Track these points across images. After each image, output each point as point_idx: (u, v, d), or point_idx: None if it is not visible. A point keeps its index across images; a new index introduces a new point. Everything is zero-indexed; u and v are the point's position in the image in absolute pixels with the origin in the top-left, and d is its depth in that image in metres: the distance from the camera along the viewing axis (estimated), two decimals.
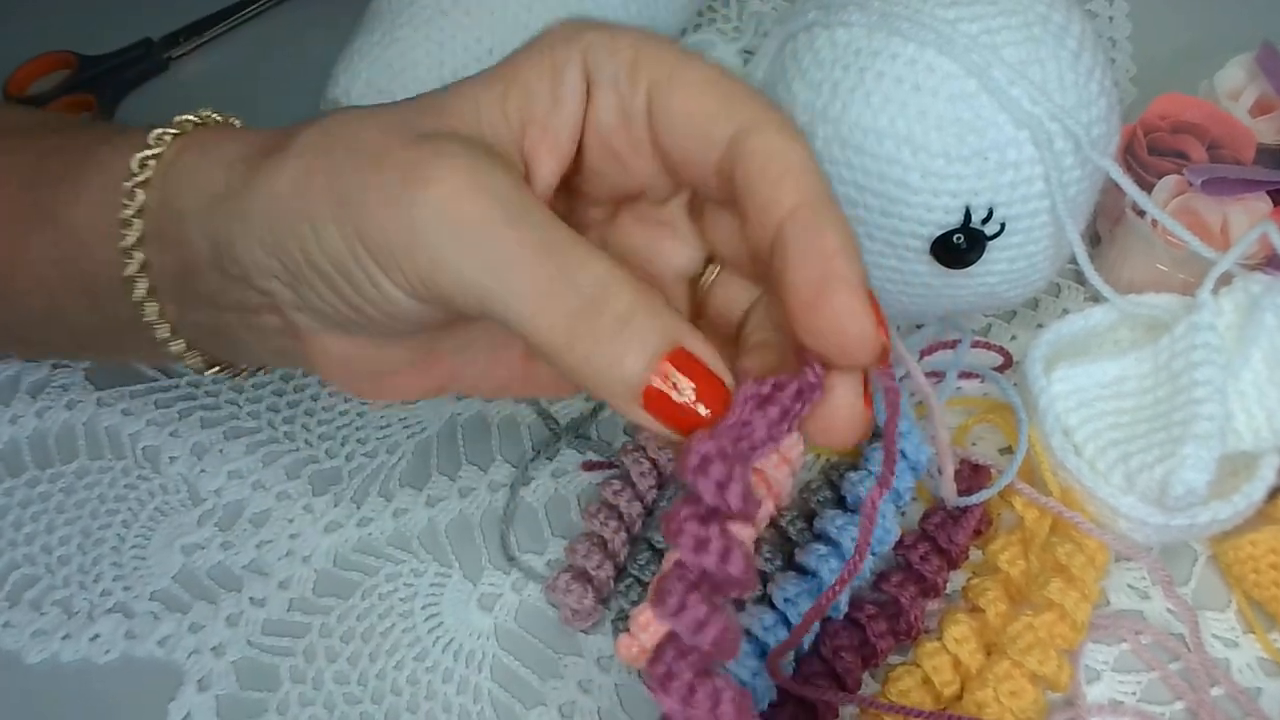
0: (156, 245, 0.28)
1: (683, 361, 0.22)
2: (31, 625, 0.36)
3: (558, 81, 0.25)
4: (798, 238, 0.23)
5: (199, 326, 0.29)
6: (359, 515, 0.38)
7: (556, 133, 0.26)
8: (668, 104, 0.25)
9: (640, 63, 0.25)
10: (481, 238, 0.23)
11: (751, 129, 0.24)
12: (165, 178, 0.28)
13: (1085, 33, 0.35)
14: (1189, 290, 0.37)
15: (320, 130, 0.26)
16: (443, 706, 0.34)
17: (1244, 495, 0.34)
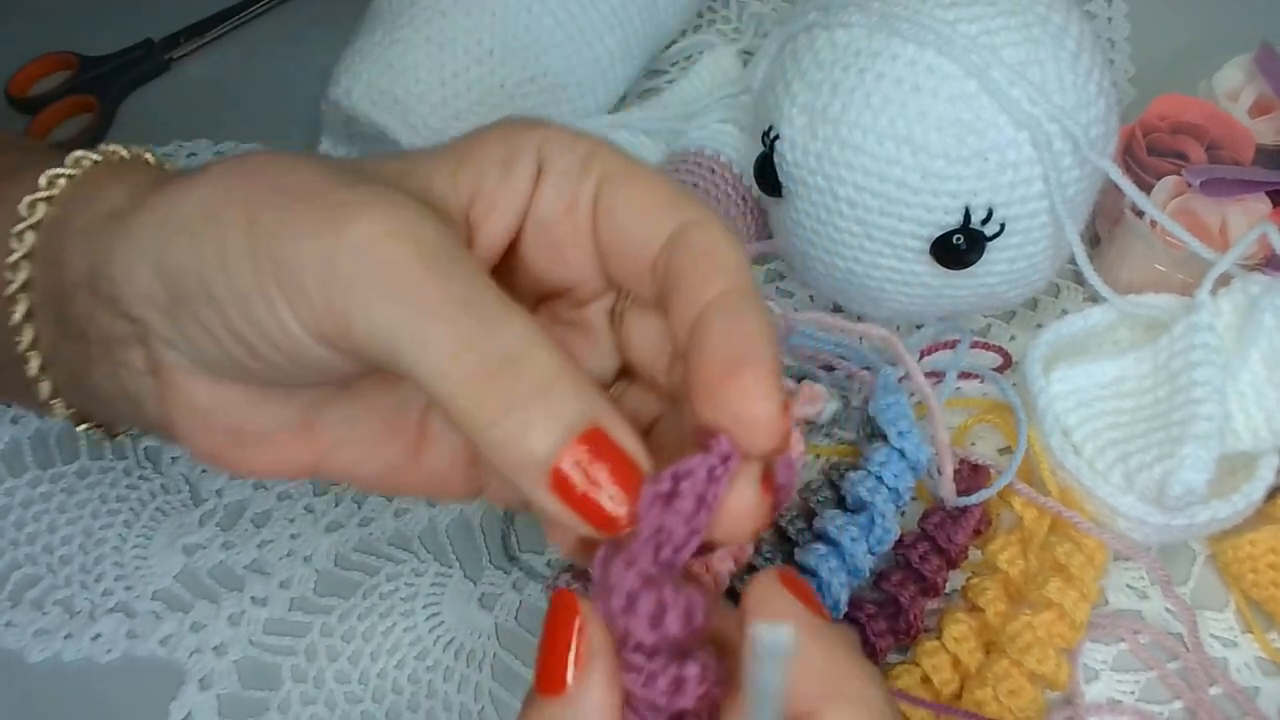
0: (42, 263, 0.27)
1: (598, 443, 0.21)
2: (34, 625, 0.36)
3: (510, 163, 0.25)
4: (720, 318, 0.23)
5: (67, 362, 0.27)
6: (360, 515, 0.38)
7: (502, 210, 0.25)
8: (614, 198, 0.25)
9: (592, 158, 0.25)
10: (402, 282, 0.21)
11: (694, 225, 0.24)
12: (70, 195, 0.27)
13: (1084, 34, 0.36)
14: (1188, 291, 0.37)
15: (241, 160, 0.24)
16: (444, 705, 0.34)
17: (1243, 495, 0.34)
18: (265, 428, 0.26)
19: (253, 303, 0.23)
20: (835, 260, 0.37)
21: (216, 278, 0.23)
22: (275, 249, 0.22)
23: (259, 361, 0.24)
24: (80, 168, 0.27)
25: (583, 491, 0.21)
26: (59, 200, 0.27)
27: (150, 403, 0.26)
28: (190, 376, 0.25)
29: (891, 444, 0.34)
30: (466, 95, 0.42)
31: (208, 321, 0.23)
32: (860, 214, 0.35)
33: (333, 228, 0.22)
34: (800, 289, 0.43)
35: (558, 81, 0.44)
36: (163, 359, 0.25)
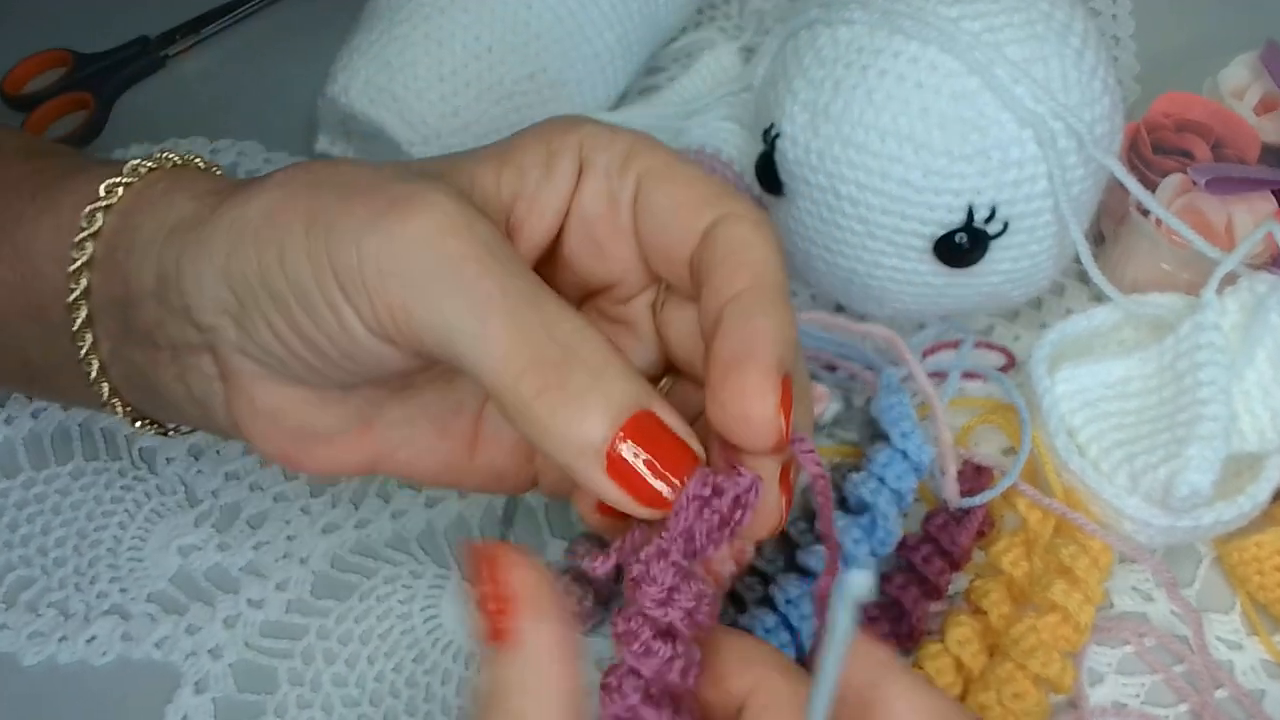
0: (103, 270, 0.28)
1: (651, 426, 0.22)
2: (28, 627, 0.36)
3: (552, 163, 0.26)
4: (731, 317, 0.23)
5: (130, 365, 0.28)
6: (357, 517, 0.38)
7: (543, 209, 0.26)
8: (654, 193, 0.25)
9: (633, 155, 0.26)
10: (463, 275, 0.22)
11: (727, 219, 0.25)
12: (130, 204, 0.28)
13: (1088, 30, 0.35)
14: (1193, 290, 0.37)
15: (304, 167, 0.25)
16: (442, 709, 0.34)
17: (1249, 496, 0.34)
18: (327, 429, 0.27)
19: (313, 300, 0.24)
20: (837, 259, 0.37)
21: (278, 278, 0.24)
22: (334, 245, 0.23)
23: (322, 360, 0.25)
24: (137, 175, 0.28)
25: (636, 474, 0.21)
26: (118, 209, 0.28)
27: (218, 406, 0.27)
28: (257, 381, 0.26)
29: (894, 445, 0.34)
30: (465, 92, 0.42)
31: (273, 323, 0.24)
32: (862, 213, 0.35)
33: (391, 220, 0.23)
34: (802, 288, 0.42)
35: (557, 79, 0.44)
36: (231, 365, 0.26)
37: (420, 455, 0.28)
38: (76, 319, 0.28)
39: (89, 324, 0.28)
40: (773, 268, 0.24)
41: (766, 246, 0.24)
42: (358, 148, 0.45)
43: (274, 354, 0.25)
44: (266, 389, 0.26)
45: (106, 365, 0.29)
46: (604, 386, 0.22)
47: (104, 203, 0.28)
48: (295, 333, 0.24)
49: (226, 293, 0.25)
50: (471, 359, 0.22)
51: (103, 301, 0.28)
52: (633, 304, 0.28)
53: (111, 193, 0.28)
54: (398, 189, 0.23)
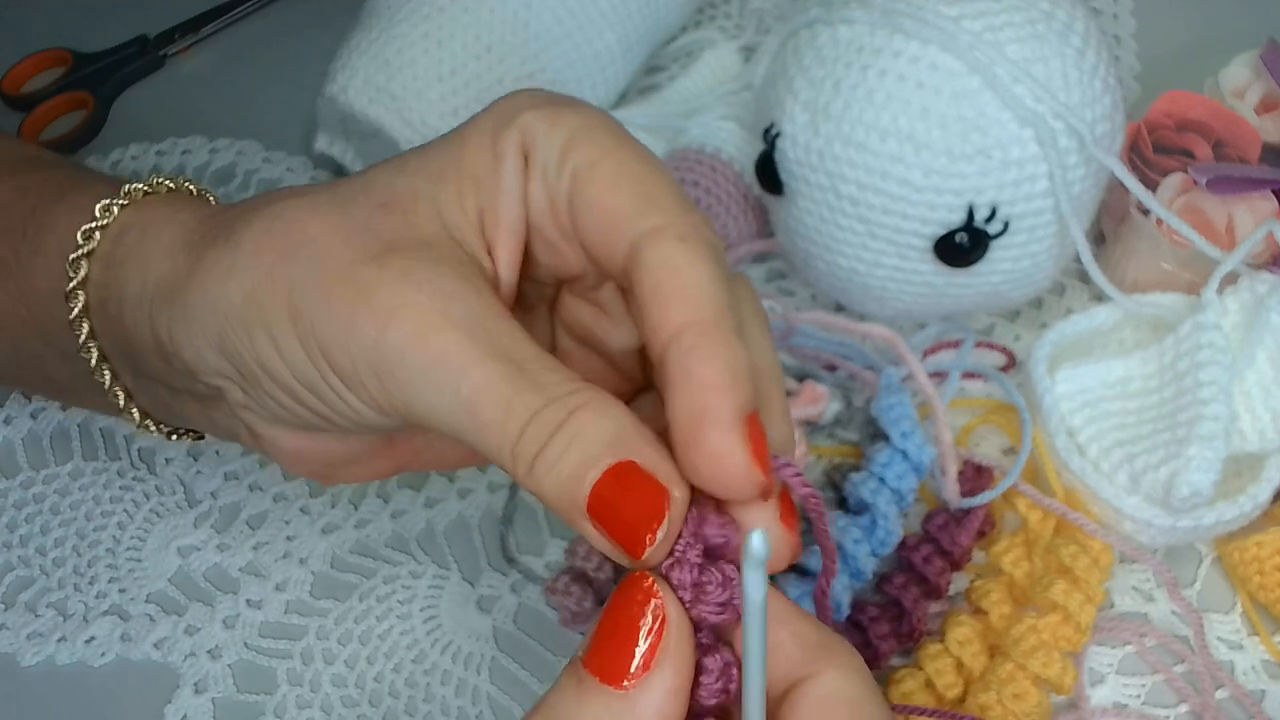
0: (100, 319, 0.28)
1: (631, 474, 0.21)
2: (27, 628, 0.36)
3: (499, 167, 0.25)
4: (677, 366, 0.22)
5: (153, 397, 0.29)
6: (356, 517, 0.38)
7: (508, 220, 0.25)
8: (584, 194, 0.24)
9: (570, 148, 0.24)
10: (449, 374, 0.22)
11: (650, 237, 0.23)
12: (109, 254, 0.28)
13: (1089, 30, 0.35)
14: (1194, 289, 0.37)
15: (269, 227, 0.25)
16: (441, 709, 0.34)
17: (1249, 496, 0.34)
18: (351, 456, 0.27)
19: (317, 386, 0.24)
20: (837, 259, 0.37)
21: (278, 367, 0.24)
22: (325, 344, 0.23)
23: (332, 426, 0.25)
24: (110, 216, 0.28)
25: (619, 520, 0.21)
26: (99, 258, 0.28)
27: (244, 438, 0.28)
28: (273, 429, 0.26)
29: (894, 445, 0.34)
30: (464, 92, 0.42)
31: (279, 397, 0.25)
32: (863, 212, 0.35)
33: (375, 328, 0.23)
34: (802, 288, 0.42)
35: (557, 78, 0.44)
36: (245, 419, 0.26)
37: (445, 451, 0.29)
38: (90, 358, 0.28)
39: (104, 360, 0.28)
40: (706, 295, 0.22)
41: (695, 268, 0.22)
42: (357, 147, 0.44)
43: (283, 417, 0.26)
44: (284, 435, 0.26)
45: (132, 393, 0.29)
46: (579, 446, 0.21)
47: (85, 249, 0.28)
48: (302, 405, 0.25)
49: (226, 365, 0.25)
50: (471, 441, 0.23)
51: (110, 347, 0.28)
52: (603, 289, 0.27)
53: (90, 238, 0.28)
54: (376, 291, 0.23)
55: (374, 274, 0.23)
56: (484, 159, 0.25)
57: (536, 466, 0.21)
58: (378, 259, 0.23)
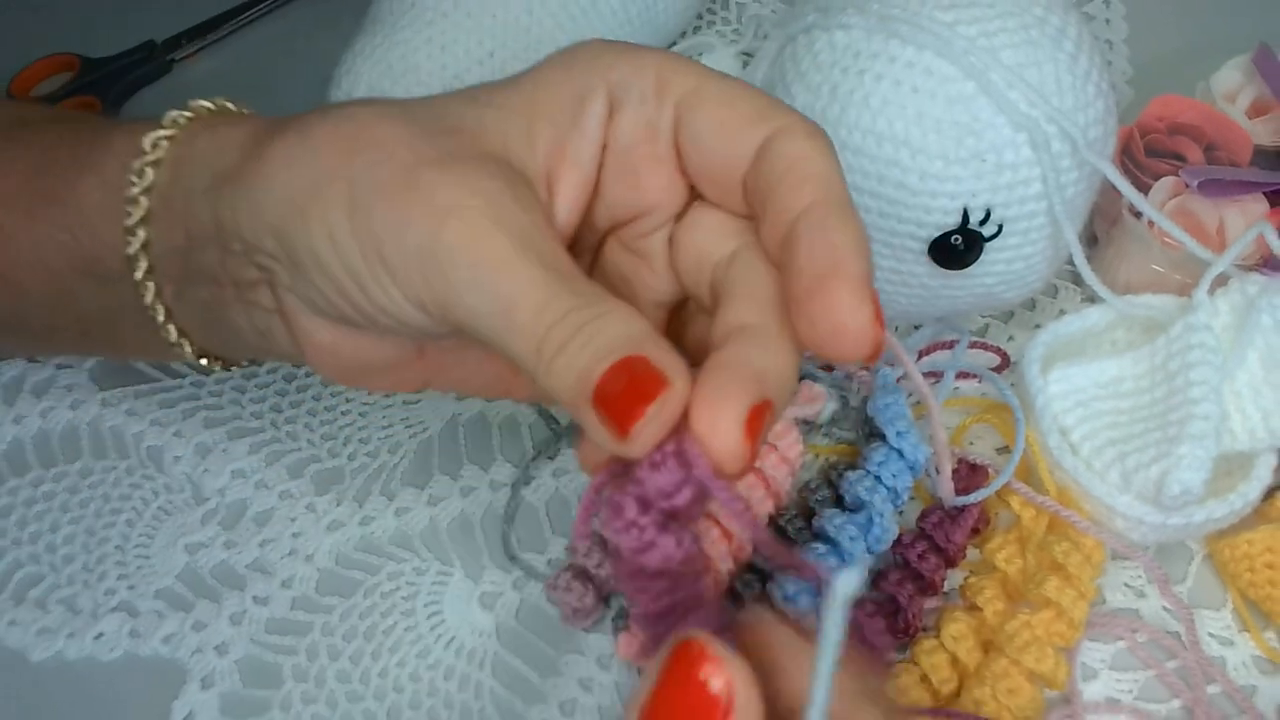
0: (161, 222, 0.28)
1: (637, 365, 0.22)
2: (36, 623, 0.36)
3: (581, 109, 0.26)
4: (808, 232, 0.23)
5: (194, 305, 0.29)
6: (361, 514, 0.38)
7: (579, 159, 0.26)
8: (697, 116, 0.25)
9: (666, 79, 0.26)
10: (493, 275, 0.23)
11: (780, 134, 0.24)
12: (176, 157, 0.28)
13: (1082, 35, 0.36)
14: (1185, 291, 0.37)
15: (337, 125, 0.26)
16: (444, 703, 0.34)
17: (1239, 495, 0.34)
18: (382, 361, 0.28)
19: (363, 279, 0.25)
20: None
21: (330, 256, 0.25)
22: (379, 237, 0.24)
23: (372, 322, 0.26)
24: (178, 126, 0.29)
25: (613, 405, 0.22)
26: (167, 162, 0.28)
27: (280, 337, 0.28)
28: (312, 320, 0.27)
29: (890, 444, 0.34)
30: None
31: (323, 286, 0.26)
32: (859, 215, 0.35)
33: (432, 227, 0.24)
34: None
35: None
36: (287, 304, 0.27)
37: (471, 373, 0.29)
38: (138, 270, 0.29)
39: (150, 273, 0.29)
40: (836, 179, 0.24)
41: (825, 158, 0.24)
42: None
43: (323, 305, 0.26)
44: (320, 327, 0.27)
45: (172, 309, 0.30)
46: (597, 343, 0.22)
47: (151, 157, 0.28)
48: (345, 299, 0.26)
49: (279, 248, 0.26)
50: (502, 343, 0.24)
51: (163, 250, 0.29)
52: (653, 238, 0.28)
53: (157, 147, 0.28)
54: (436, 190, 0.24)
55: (434, 176, 0.24)
56: (561, 98, 0.26)
57: (555, 363, 0.22)
58: (439, 164, 0.24)
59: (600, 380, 0.22)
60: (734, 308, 0.25)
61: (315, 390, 0.41)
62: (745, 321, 0.24)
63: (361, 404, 0.41)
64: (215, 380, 0.41)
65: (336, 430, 0.40)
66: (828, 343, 0.23)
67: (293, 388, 0.41)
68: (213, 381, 0.41)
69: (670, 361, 0.22)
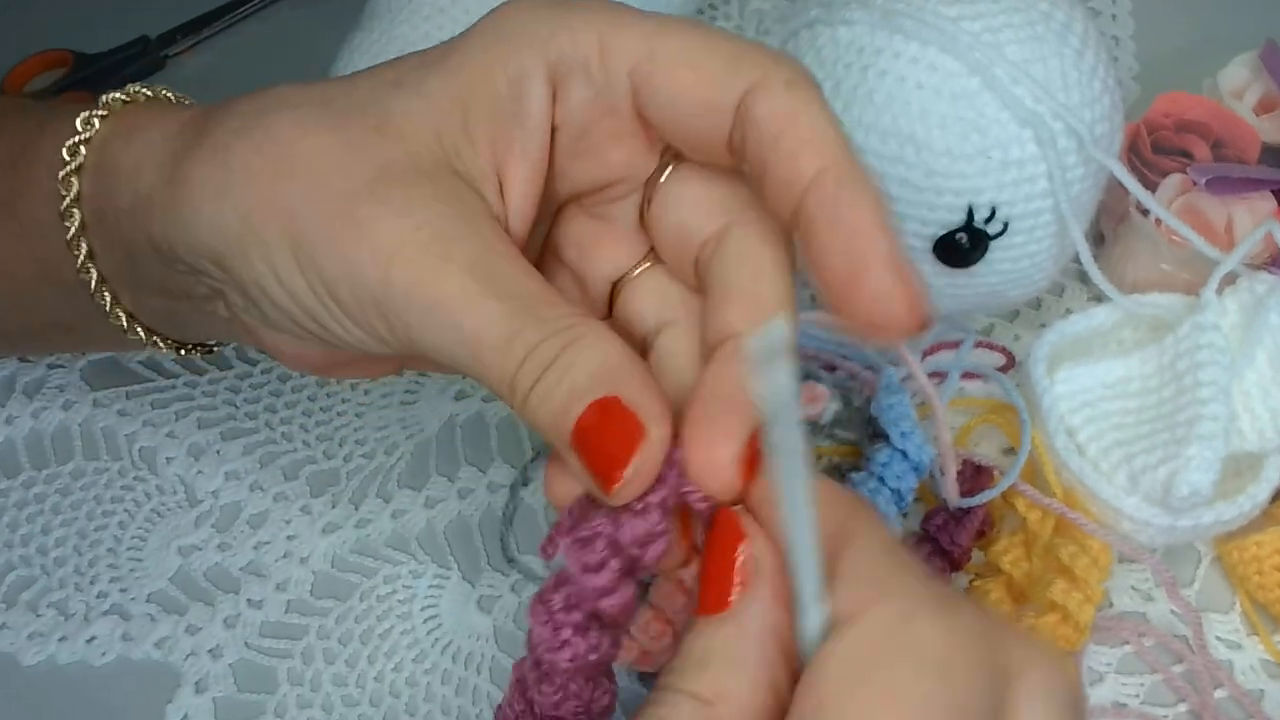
0: (98, 234, 0.27)
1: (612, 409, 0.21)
2: (28, 627, 0.36)
3: (519, 95, 0.24)
4: (821, 213, 0.21)
5: (154, 312, 0.29)
6: (357, 516, 0.38)
7: (526, 146, 0.24)
8: (657, 84, 0.23)
9: (612, 44, 0.23)
10: (451, 315, 0.22)
11: (758, 90, 0.22)
12: (96, 167, 0.27)
13: (1088, 31, 0.35)
14: (1193, 290, 0.37)
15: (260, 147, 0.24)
16: (441, 709, 0.34)
17: (1248, 496, 0.34)
18: (354, 358, 0.27)
19: (319, 315, 0.24)
20: None
21: (278, 292, 0.24)
22: (327, 280, 0.23)
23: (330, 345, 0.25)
24: (91, 129, 0.28)
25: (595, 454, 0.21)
26: (88, 170, 0.27)
27: (245, 339, 0.28)
28: (270, 332, 0.26)
29: (894, 445, 0.34)
30: None
31: (276, 315, 0.25)
32: None
33: (377, 268, 0.23)
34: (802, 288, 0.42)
35: None
36: (245, 322, 0.26)
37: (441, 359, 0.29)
38: (89, 280, 0.28)
39: (103, 282, 0.28)
40: (833, 136, 0.22)
41: (815, 111, 0.22)
42: None
43: (284, 327, 0.25)
44: (284, 340, 0.26)
45: (134, 313, 0.29)
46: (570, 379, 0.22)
47: (73, 164, 0.27)
48: (297, 325, 0.25)
49: (225, 276, 0.25)
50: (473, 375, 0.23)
51: (109, 263, 0.28)
52: (621, 203, 0.26)
53: (75, 153, 0.27)
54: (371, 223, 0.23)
55: (373, 210, 0.23)
56: (494, 82, 0.24)
57: (530, 399, 0.22)
58: (375, 193, 0.23)
59: (577, 424, 0.21)
60: (727, 309, 0.24)
61: (310, 391, 0.41)
62: (740, 329, 0.23)
63: (358, 405, 0.40)
64: (209, 381, 0.41)
65: (332, 431, 0.40)
66: (873, 331, 0.22)
67: (287, 388, 0.41)
68: (206, 382, 0.41)
69: (646, 403, 0.22)
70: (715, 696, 0.19)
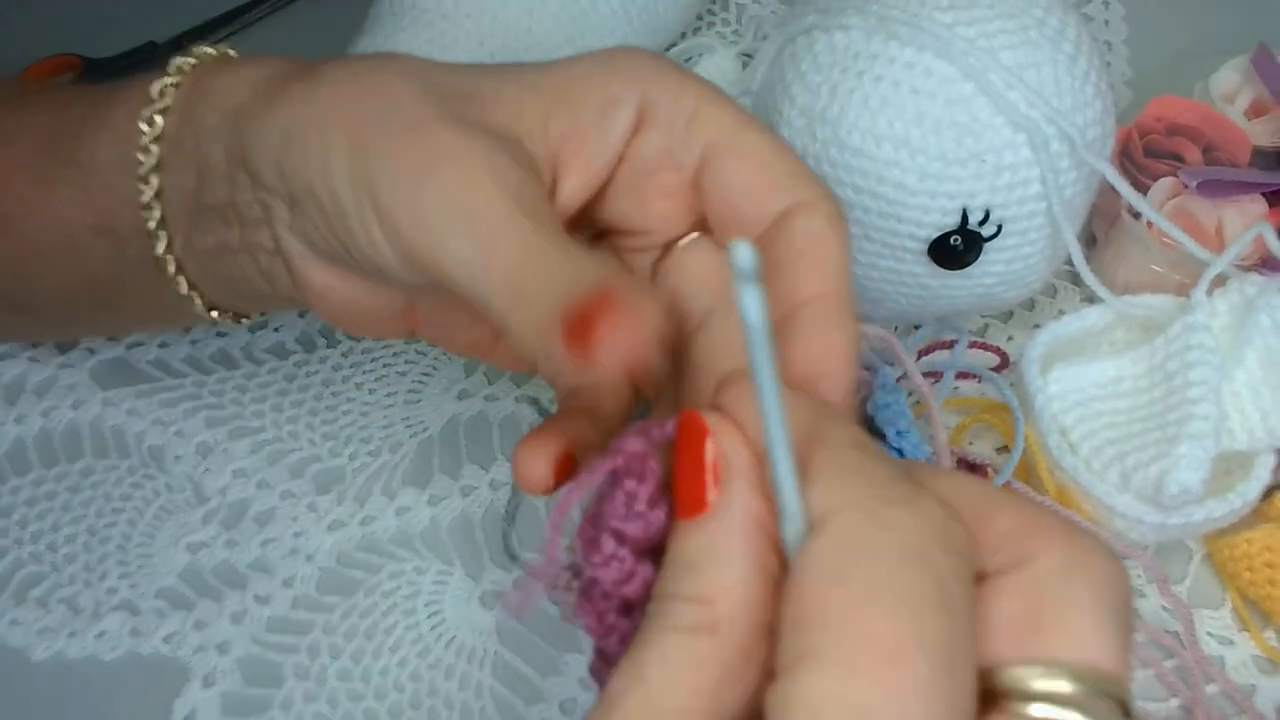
0: (173, 167, 0.29)
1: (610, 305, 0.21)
2: (38, 622, 0.36)
3: (608, 110, 0.26)
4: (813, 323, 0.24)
5: (203, 255, 0.30)
6: (362, 514, 0.38)
7: (592, 155, 0.26)
8: (724, 167, 0.26)
9: (701, 118, 0.26)
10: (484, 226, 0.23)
11: (805, 208, 0.25)
12: (187, 100, 0.29)
13: (1081, 36, 0.36)
14: (1184, 291, 0.37)
15: (353, 77, 0.26)
16: (445, 703, 0.34)
17: (1238, 494, 0.34)
18: (373, 309, 0.29)
19: (350, 220, 0.25)
20: None
21: (322, 192, 0.25)
22: (374, 179, 0.24)
23: (355, 262, 0.26)
24: (183, 74, 0.29)
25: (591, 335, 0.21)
26: (176, 109, 0.29)
27: (283, 281, 0.29)
28: (306, 261, 0.27)
29: (890, 443, 0.34)
30: None
31: (316, 221, 0.26)
32: (859, 215, 0.35)
33: (426, 170, 0.24)
34: None
35: None
36: (284, 243, 0.27)
37: (455, 334, 0.30)
38: (151, 220, 0.29)
39: (163, 224, 0.29)
40: (845, 272, 0.25)
41: (840, 245, 0.25)
42: None
43: (316, 242, 0.27)
44: (315, 269, 0.27)
45: (181, 260, 0.30)
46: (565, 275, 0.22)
47: (160, 105, 0.29)
48: (333, 235, 0.26)
49: (279, 181, 0.26)
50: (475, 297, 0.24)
51: (174, 196, 0.29)
52: (640, 255, 0.28)
53: (165, 94, 0.29)
54: (437, 139, 0.24)
55: (437, 129, 0.24)
56: (590, 93, 0.26)
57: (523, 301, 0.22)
58: (444, 121, 0.25)
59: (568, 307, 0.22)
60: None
61: (316, 390, 0.41)
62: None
63: (363, 404, 0.41)
64: (217, 380, 0.41)
65: (338, 430, 0.40)
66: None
67: (294, 387, 0.41)
68: (214, 381, 0.41)
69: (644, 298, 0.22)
70: (711, 594, 0.19)
